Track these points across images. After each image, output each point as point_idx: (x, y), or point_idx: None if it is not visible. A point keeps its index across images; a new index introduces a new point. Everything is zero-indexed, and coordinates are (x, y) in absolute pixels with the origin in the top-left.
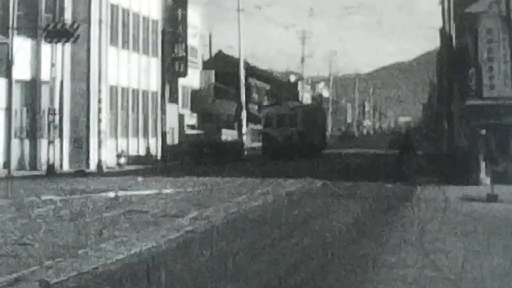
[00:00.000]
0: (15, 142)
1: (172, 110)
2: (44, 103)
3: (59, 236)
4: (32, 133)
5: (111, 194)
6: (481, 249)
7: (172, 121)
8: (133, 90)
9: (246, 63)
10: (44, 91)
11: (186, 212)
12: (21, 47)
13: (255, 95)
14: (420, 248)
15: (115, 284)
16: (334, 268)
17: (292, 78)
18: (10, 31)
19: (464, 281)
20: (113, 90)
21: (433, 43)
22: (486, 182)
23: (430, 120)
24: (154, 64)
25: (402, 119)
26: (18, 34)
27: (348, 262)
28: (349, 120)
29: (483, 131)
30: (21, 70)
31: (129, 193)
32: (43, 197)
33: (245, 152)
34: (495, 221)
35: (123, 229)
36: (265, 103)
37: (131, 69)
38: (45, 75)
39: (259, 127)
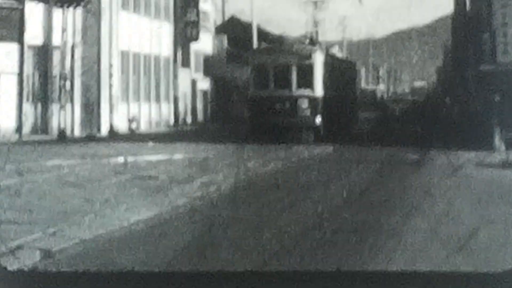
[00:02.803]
0: (26, 107)
1: (184, 75)
2: (56, 68)
3: (64, 202)
4: (44, 98)
5: (121, 159)
6: (495, 217)
7: (184, 86)
8: (145, 55)
9: (259, 28)
10: (56, 56)
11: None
12: (33, 12)
13: None
14: (431, 216)
15: (118, 251)
16: (342, 237)
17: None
18: None
19: (474, 251)
20: (124, 54)
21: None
22: (500, 149)
23: (444, 86)
24: (166, 29)
25: (417, 84)
26: None
27: (356, 230)
28: (363, 85)
29: (497, 97)
30: (33, 35)
31: (139, 158)
32: (51, 162)
33: None
34: (510, 188)
35: (130, 195)
36: None
37: (142, 34)
38: (56, 40)
39: None
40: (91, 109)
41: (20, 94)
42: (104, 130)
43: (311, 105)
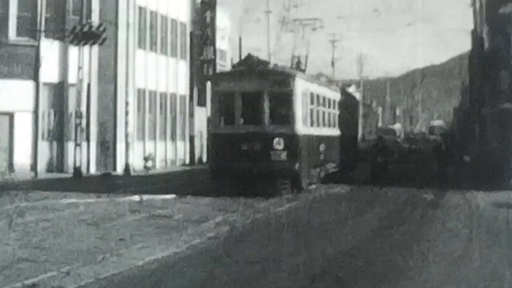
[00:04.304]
0: (42, 145)
1: (200, 114)
2: (71, 106)
3: (79, 241)
4: (59, 135)
5: (136, 198)
6: None
7: (200, 125)
8: (161, 93)
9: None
10: (71, 93)
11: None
12: (49, 50)
13: None
14: (449, 257)
15: None
16: (359, 279)
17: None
18: (37, 33)
19: None
20: (140, 92)
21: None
22: None
23: (461, 124)
24: (182, 67)
25: (434, 123)
26: (46, 36)
27: (375, 270)
28: (380, 124)
29: None
30: (49, 73)
31: (154, 196)
32: (67, 200)
33: None
34: None
35: (146, 234)
36: None
37: (159, 72)
38: (72, 77)
39: None
40: (106, 147)
41: (36, 132)
42: (120, 168)
43: (288, 146)
